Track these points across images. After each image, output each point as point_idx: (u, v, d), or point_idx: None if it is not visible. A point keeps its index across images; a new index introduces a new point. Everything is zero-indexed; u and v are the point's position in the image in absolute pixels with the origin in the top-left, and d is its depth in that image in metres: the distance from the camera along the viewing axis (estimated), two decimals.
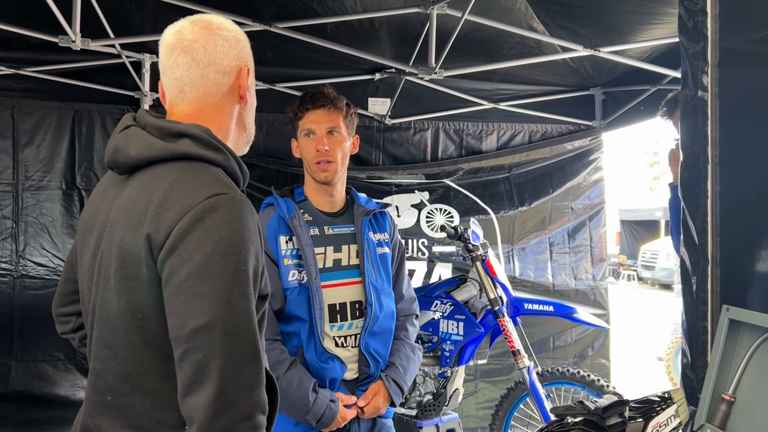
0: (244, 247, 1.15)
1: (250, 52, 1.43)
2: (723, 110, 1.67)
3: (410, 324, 2.46)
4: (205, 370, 1.09)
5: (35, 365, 4.14)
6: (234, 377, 1.10)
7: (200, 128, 1.26)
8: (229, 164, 1.27)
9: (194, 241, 1.12)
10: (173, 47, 1.33)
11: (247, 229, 1.16)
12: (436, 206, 4.86)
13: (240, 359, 1.11)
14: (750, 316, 1.49)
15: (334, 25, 3.58)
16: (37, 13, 3.09)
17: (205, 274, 1.11)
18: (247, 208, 1.19)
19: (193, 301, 1.11)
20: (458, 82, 4.45)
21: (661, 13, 3.22)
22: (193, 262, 1.11)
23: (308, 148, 2.25)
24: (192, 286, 1.11)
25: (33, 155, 4.18)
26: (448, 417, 3.52)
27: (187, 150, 1.23)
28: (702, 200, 1.71)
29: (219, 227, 1.13)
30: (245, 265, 1.14)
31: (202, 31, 1.33)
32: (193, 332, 1.10)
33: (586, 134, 4.86)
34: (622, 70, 4.25)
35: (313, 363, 2.18)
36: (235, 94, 1.37)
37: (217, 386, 1.08)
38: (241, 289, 1.13)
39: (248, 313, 1.14)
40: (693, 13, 1.73)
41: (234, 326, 1.11)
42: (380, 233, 2.37)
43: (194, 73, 1.32)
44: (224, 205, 1.15)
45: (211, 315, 1.10)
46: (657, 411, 1.74)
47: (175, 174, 1.21)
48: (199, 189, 1.17)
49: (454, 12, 3.20)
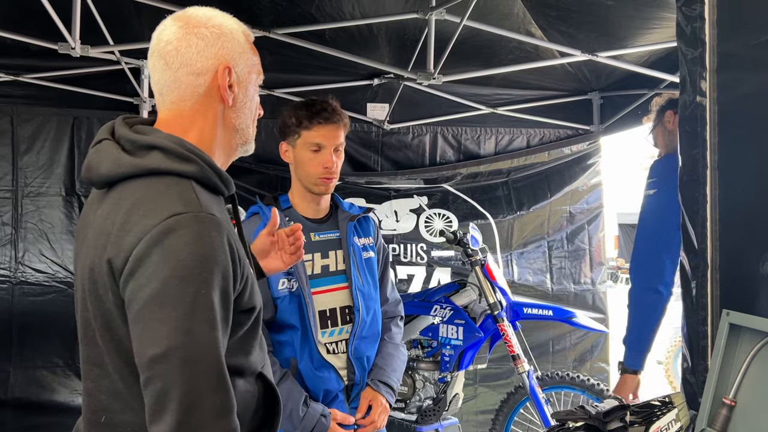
0: (205, 269, 1.09)
1: (241, 45, 1.33)
2: (722, 115, 1.67)
3: (394, 325, 2.48)
4: (165, 399, 1.04)
5: (34, 372, 4.14)
6: (196, 406, 1.05)
7: (171, 139, 1.21)
8: (205, 175, 1.21)
9: (151, 266, 1.07)
10: (152, 50, 1.28)
11: (210, 249, 1.10)
12: (434, 211, 4.86)
13: (202, 388, 1.06)
14: (750, 321, 1.50)
15: (333, 30, 3.59)
16: (36, 20, 3.10)
17: (163, 300, 1.06)
18: (211, 226, 1.12)
19: (150, 329, 1.06)
20: (456, 88, 4.46)
21: (658, 17, 3.23)
22: (150, 288, 1.07)
23: (312, 162, 2.21)
24: (149, 313, 1.07)
25: (32, 162, 4.19)
26: (448, 422, 3.52)
27: (155, 165, 1.17)
28: (701, 205, 1.71)
29: (177, 250, 1.08)
30: (207, 288, 1.08)
31: (178, 30, 1.26)
32: (151, 361, 1.05)
33: (584, 138, 4.87)
34: (620, 74, 4.26)
35: (308, 372, 2.18)
36: (215, 95, 1.29)
37: (178, 416, 1.04)
38: (201, 315, 1.07)
39: (210, 339, 1.08)
40: (691, 19, 1.74)
41: (194, 354, 1.06)
42: (365, 237, 2.38)
43: (168, 76, 1.27)
44: (184, 226, 1.10)
45: (169, 343, 1.05)
46: (658, 415, 1.74)
47: (139, 192, 1.16)
48: (159, 209, 1.11)
49: (453, 18, 3.20)
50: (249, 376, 1.30)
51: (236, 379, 1.25)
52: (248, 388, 1.29)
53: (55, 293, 4.20)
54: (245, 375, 1.29)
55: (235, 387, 1.23)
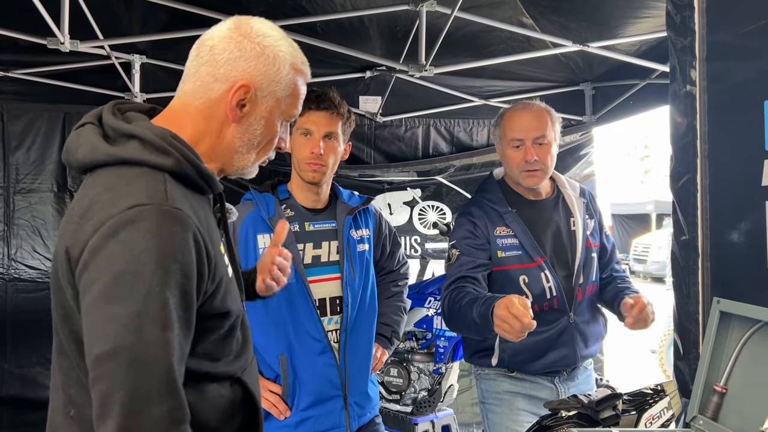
0: (161, 265, 1.02)
1: (278, 74, 1.27)
2: (711, 104, 1.68)
3: (394, 285, 2.70)
4: (108, 402, 0.98)
5: (29, 369, 4.12)
6: (140, 413, 0.98)
7: (154, 130, 1.17)
8: (182, 170, 1.16)
9: (105, 258, 1.02)
10: (199, 40, 1.28)
11: (169, 245, 1.04)
12: (428, 203, 4.87)
13: (149, 393, 0.99)
14: (740, 308, 1.51)
15: (324, 23, 3.58)
16: (25, 15, 3.07)
17: (113, 296, 1.00)
18: (175, 220, 1.07)
19: (99, 325, 1.01)
20: (449, 80, 4.46)
21: (649, 6, 3.24)
22: (101, 282, 1.01)
23: (302, 147, 2.23)
24: (99, 309, 1.01)
25: (24, 158, 4.17)
26: (443, 413, 3.53)
27: (129, 155, 1.13)
28: (692, 194, 1.72)
29: (133, 243, 1.02)
30: (162, 286, 1.01)
31: (227, 32, 1.25)
32: (97, 359, 1.00)
33: (576, 129, 4.87)
34: (611, 64, 4.26)
35: (305, 364, 2.19)
36: (223, 106, 1.25)
37: (119, 422, 0.96)
38: (153, 314, 1.00)
39: (162, 340, 1.01)
40: (680, 8, 1.74)
41: (142, 355, 0.99)
42: (363, 229, 2.39)
43: (192, 66, 1.26)
44: (144, 218, 1.04)
45: (116, 342, 0.98)
46: (650, 403, 1.75)
47: (108, 181, 1.11)
48: (121, 199, 1.06)
49: (444, 9, 3.20)
50: (223, 381, 1.25)
51: (207, 384, 1.21)
52: (222, 393, 1.24)
53: (49, 290, 4.16)
54: (218, 380, 1.23)
55: (204, 390, 1.20)
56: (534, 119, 2.38)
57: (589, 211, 2.53)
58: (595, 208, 2.58)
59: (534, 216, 2.45)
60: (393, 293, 2.67)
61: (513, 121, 2.41)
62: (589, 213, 2.53)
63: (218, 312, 1.19)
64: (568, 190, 2.53)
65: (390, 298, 2.65)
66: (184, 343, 1.08)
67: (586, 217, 2.50)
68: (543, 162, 2.38)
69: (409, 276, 2.83)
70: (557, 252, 2.41)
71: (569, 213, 2.48)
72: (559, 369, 2.40)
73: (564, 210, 2.49)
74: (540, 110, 2.41)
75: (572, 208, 2.49)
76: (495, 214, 2.42)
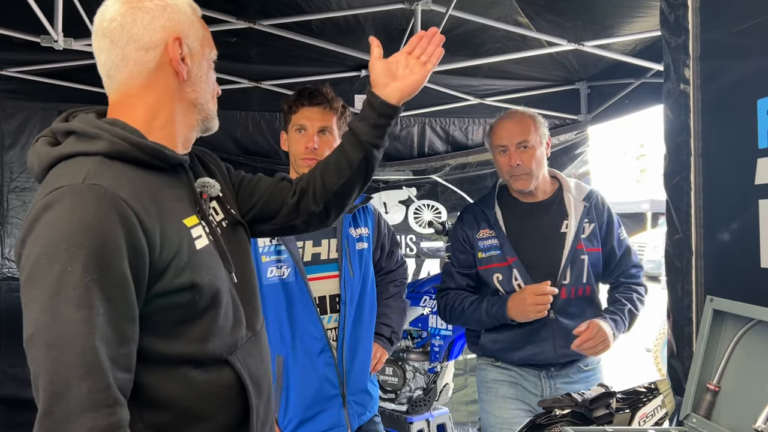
0: (73, 243, 1.00)
1: (189, 17, 1.28)
2: (705, 103, 1.68)
3: (393, 286, 2.70)
4: (36, 386, 0.98)
5: (22, 368, 4.05)
6: (62, 396, 0.96)
7: (86, 120, 1.18)
8: (116, 149, 1.14)
9: (28, 246, 1.03)
10: (96, 32, 1.25)
11: (82, 221, 1.02)
12: (423, 202, 4.87)
13: (68, 375, 0.97)
14: (733, 307, 1.51)
15: (320, 21, 3.57)
16: (18, 12, 3.06)
17: (33, 281, 1.00)
18: (91, 196, 1.05)
19: (25, 312, 1.01)
20: (444, 78, 4.45)
21: (644, 6, 3.24)
22: (26, 270, 1.02)
23: (297, 143, 2.25)
24: (24, 296, 1.02)
25: (17, 157, 4.14)
26: (438, 412, 3.53)
27: (66, 150, 1.15)
28: (685, 192, 1.72)
29: (48, 226, 1.02)
30: (75, 264, 0.99)
31: (121, 6, 1.22)
32: (25, 344, 1.00)
33: (572, 128, 4.88)
34: (606, 64, 4.26)
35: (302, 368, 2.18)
36: (167, 69, 1.24)
37: (44, 405, 0.96)
38: (66, 294, 0.98)
39: (77, 320, 0.98)
40: (674, 7, 1.74)
41: (58, 337, 0.97)
42: (362, 227, 2.40)
43: (115, 55, 1.22)
44: (58, 200, 1.04)
45: (35, 325, 0.98)
46: (644, 402, 1.75)
47: (47, 179, 1.13)
48: (46, 189, 1.07)
49: (439, 8, 3.20)
50: (209, 365, 1.22)
51: (189, 369, 1.18)
52: (208, 378, 1.21)
53: None
54: (202, 364, 1.20)
55: (188, 378, 1.17)
56: (516, 125, 2.52)
57: (590, 215, 2.58)
58: (599, 213, 2.62)
59: (520, 217, 2.57)
60: (392, 293, 2.67)
61: (498, 129, 2.57)
62: (589, 217, 2.58)
63: (181, 287, 1.14)
64: (570, 193, 2.60)
65: (389, 299, 2.65)
66: (119, 321, 1.04)
67: (585, 220, 2.55)
68: (527, 166, 2.49)
69: (408, 276, 2.82)
70: (538, 252, 2.51)
71: (564, 215, 2.54)
72: (540, 363, 2.50)
73: (559, 212, 2.56)
74: (522, 117, 2.55)
75: (568, 211, 2.55)
76: (482, 216, 2.59)
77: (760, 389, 1.39)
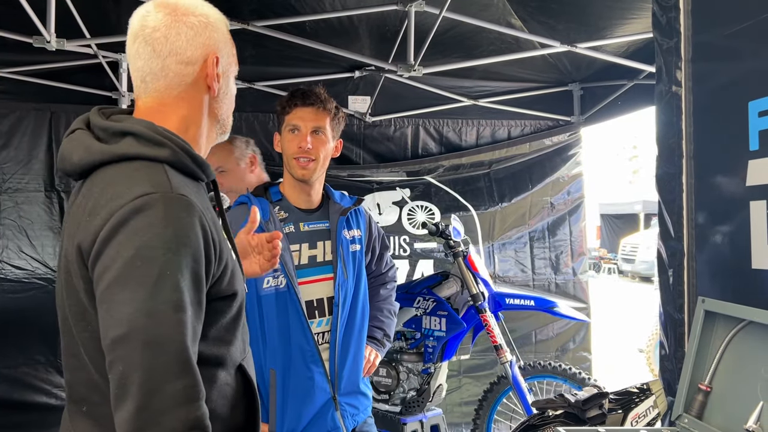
0: (170, 249, 1.06)
1: (225, 36, 1.33)
2: (697, 105, 1.69)
3: (383, 289, 2.68)
4: (126, 383, 1.02)
5: (15, 370, 4.08)
6: (157, 391, 1.01)
7: (144, 124, 1.20)
8: (178, 159, 1.19)
9: (116, 246, 1.05)
10: (136, 35, 1.26)
11: (177, 230, 1.08)
12: (417, 203, 4.87)
13: (165, 372, 1.03)
14: (725, 307, 1.52)
15: (313, 22, 3.58)
16: (10, 13, 3.04)
17: (125, 281, 1.04)
18: (181, 206, 1.10)
19: (113, 310, 1.04)
20: (437, 80, 4.46)
21: (637, 8, 3.25)
22: (114, 269, 1.05)
23: (291, 143, 2.24)
24: (113, 294, 1.05)
25: (10, 157, 4.12)
26: (432, 412, 3.54)
27: (124, 151, 1.16)
28: (677, 194, 1.73)
29: (142, 229, 1.06)
30: (172, 269, 1.05)
31: (165, 17, 1.24)
32: (113, 343, 1.03)
33: (564, 129, 4.89)
34: (599, 65, 4.28)
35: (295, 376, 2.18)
36: (202, 84, 1.28)
37: (138, 401, 1.00)
38: (165, 296, 1.04)
39: (175, 321, 1.05)
40: (666, 9, 1.75)
41: (156, 336, 1.03)
42: (355, 229, 2.40)
43: (155, 64, 1.25)
44: (152, 206, 1.08)
45: (130, 324, 1.02)
46: (636, 402, 1.76)
47: (110, 177, 1.15)
48: (127, 191, 1.09)
49: (432, 9, 3.20)
50: (230, 368, 1.28)
51: (217, 370, 1.24)
52: (228, 381, 1.27)
53: (36, 290, 4.14)
54: (226, 366, 1.26)
55: (215, 379, 1.23)
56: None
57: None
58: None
59: None
60: (382, 296, 2.67)
61: None
62: None
63: (227, 294, 1.22)
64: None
65: (380, 301, 2.65)
66: (197, 324, 1.11)
67: None
68: None
69: (397, 278, 2.83)
70: None
71: None
72: None
73: None
74: None
75: None
76: None
77: (752, 390, 1.40)
